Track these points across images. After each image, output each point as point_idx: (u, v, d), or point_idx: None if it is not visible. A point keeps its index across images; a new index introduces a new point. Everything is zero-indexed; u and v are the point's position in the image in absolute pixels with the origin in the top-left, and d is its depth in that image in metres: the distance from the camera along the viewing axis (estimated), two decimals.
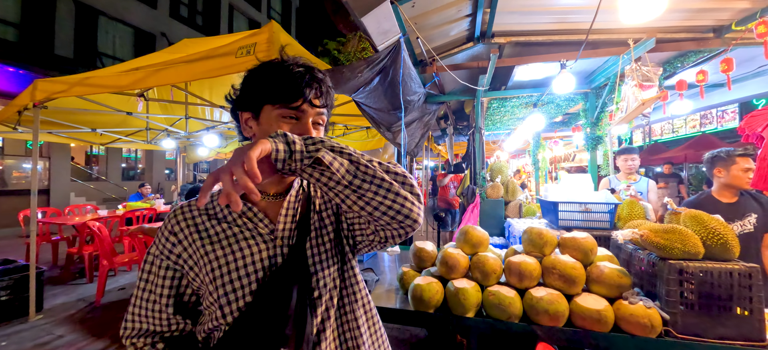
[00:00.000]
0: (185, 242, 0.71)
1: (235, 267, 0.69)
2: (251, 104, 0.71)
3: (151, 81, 2.69)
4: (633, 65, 2.00)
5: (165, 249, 0.72)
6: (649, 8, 1.38)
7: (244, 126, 0.73)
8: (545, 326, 1.46)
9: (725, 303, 1.33)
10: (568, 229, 2.10)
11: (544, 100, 3.38)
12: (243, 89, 0.73)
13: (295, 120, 0.69)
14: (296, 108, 0.67)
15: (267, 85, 0.69)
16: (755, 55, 2.43)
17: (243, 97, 0.72)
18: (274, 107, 0.68)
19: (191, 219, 0.73)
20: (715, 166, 1.87)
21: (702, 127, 11.85)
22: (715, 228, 1.42)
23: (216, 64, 2.36)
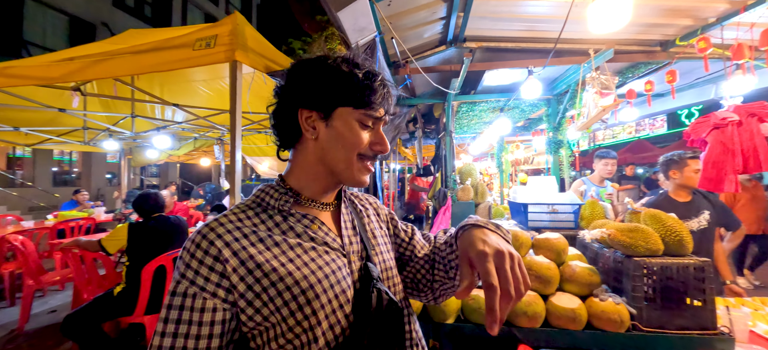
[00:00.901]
0: (242, 269, 0.55)
1: (330, 285, 0.59)
2: (322, 103, 0.62)
3: (89, 73, 2.35)
4: (593, 74, 2.14)
5: (208, 283, 0.54)
6: (614, 21, 1.47)
7: (305, 125, 0.64)
8: (524, 328, 1.48)
9: (682, 296, 1.42)
10: (538, 230, 2.17)
11: (511, 104, 3.53)
12: (311, 84, 0.63)
13: (371, 128, 0.65)
14: (379, 118, 0.65)
15: (350, 87, 0.61)
16: (692, 69, 2.72)
17: (311, 93, 0.62)
18: (354, 110, 0.62)
19: (240, 234, 0.58)
20: (670, 168, 2.04)
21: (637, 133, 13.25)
22: (672, 226, 1.52)
23: (169, 56, 2.12)
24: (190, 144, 6.69)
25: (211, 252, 0.55)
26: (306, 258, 0.59)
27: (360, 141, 0.63)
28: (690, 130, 2.08)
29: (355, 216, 0.73)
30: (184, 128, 5.25)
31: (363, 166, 0.65)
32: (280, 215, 0.63)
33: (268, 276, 0.55)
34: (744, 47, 1.75)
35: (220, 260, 0.55)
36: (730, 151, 1.77)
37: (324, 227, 0.65)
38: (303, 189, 0.67)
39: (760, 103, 1.76)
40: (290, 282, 0.56)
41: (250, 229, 0.59)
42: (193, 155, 8.66)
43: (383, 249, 0.73)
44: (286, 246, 0.59)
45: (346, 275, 0.62)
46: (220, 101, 4.18)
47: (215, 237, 0.56)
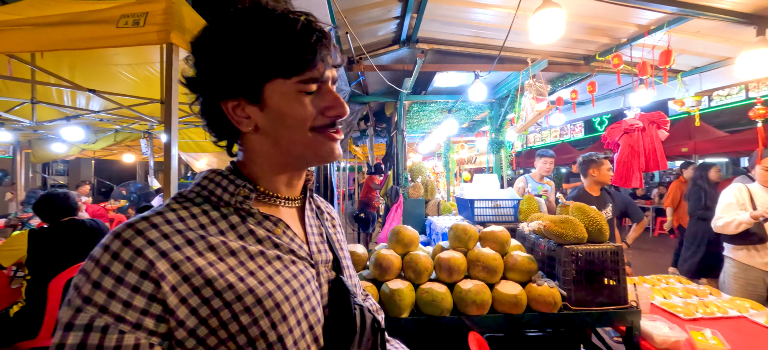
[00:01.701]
0: (183, 288, 0.41)
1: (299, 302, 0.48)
2: (245, 85, 0.48)
3: None
4: (530, 81, 2.36)
5: (131, 308, 0.39)
6: (551, 32, 1.63)
7: (235, 117, 0.50)
8: (474, 316, 1.57)
9: (601, 277, 1.64)
10: (483, 224, 2.33)
11: (458, 106, 3.73)
12: (221, 67, 0.48)
13: (317, 92, 0.50)
14: (320, 76, 0.49)
15: (270, 54, 0.47)
16: (607, 82, 3.16)
17: (225, 78, 0.48)
18: (286, 81, 0.48)
19: (181, 238, 0.44)
20: (589, 167, 2.34)
21: (561, 137, 15.05)
22: (594, 217, 1.74)
23: (85, 32, 1.82)
24: (109, 137, 5.84)
25: (138, 265, 0.40)
26: (270, 270, 0.47)
27: (306, 114, 0.49)
28: (606, 134, 2.42)
29: (321, 221, 0.62)
30: (103, 119, 4.56)
31: (325, 137, 0.51)
32: (237, 215, 0.50)
33: (221, 295, 0.42)
34: (647, 65, 2.09)
35: (150, 277, 0.40)
36: (636, 152, 2.11)
37: (289, 231, 0.53)
38: (260, 180, 0.54)
39: (658, 113, 2.13)
40: (250, 301, 0.44)
41: (197, 234, 0.45)
42: (114, 150, 7.58)
43: (350, 263, 0.66)
44: (245, 256, 0.47)
45: (315, 289, 0.52)
46: (149, 89, 3.71)
47: (145, 244, 0.41)
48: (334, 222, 0.70)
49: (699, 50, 2.45)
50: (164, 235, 0.43)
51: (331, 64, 0.51)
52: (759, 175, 2.12)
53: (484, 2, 2.02)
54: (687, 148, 7.52)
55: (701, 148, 7.29)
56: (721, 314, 1.85)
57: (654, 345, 1.56)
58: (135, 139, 6.09)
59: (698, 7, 1.74)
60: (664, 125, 2.13)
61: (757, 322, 1.77)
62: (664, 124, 2.13)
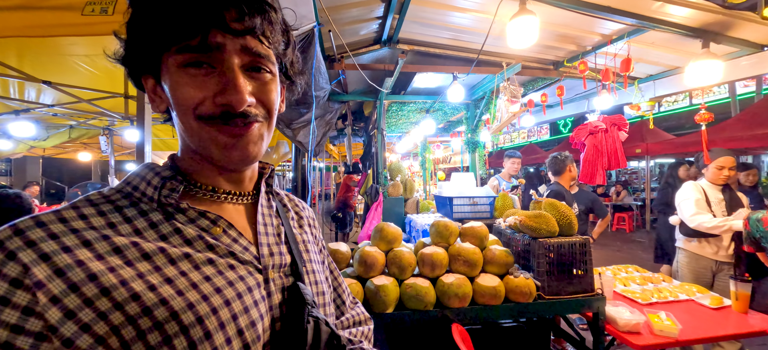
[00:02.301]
0: (70, 298, 0.33)
1: (231, 316, 0.40)
2: (147, 61, 0.42)
3: None
4: (505, 83, 2.48)
5: (10, 315, 0.32)
6: (526, 37, 1.74)
7: (152, 97, 0.45)
8: (455, 308, 1.63)
9: (571, 267, 1.76)
10: (461, 220, 2.41)
11: (436, 107, 3.82)
12: (128, 37, 0.42)
13: (207, 68, 0.40)
14: (202, 46, 0.39)
15: (150, 15, 0.39)
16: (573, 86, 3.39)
17: (132, 52, 0.42)
18: (176, 55, 0.39)
19: (76, 239, 0.36)
20: (566, 165, 2.50)
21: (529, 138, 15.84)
22: (564, 212, 1.87)
23: (46, 19, 1.68)
24: (63, 133, 5.38)
25: (8, 271, 0.33)
26: (195, 277, 0.39)
27: (187, 97, 0.40)
28: (574, 134, 2.60)
29: (282, 219, 0.55)
30: (57, 114, 4.20)
31: (217, 131, 0.41)
32: (160, 212, 0.42)
33: (122, 307, 0.34)
34: (610, 72, 2.27)
35: (24, 286, 0.32)
36: (600, 152, 2.29)
37: (232, 230, 0.46)
38: (196, 173, 0.46)
39: (618, 116, 2.33)
40: (163, 315, 0.35)
41: (99, 233, 0.37)
42: (67, 148, 6.99)
43: (316, 267, 0.56)
44: (163, 259, 0.39)
45: (258, 299, 0.43)
46: (110, 82, 3.46)
47: (21, 246, 0.34)
48: (302, 222, 0.61)
49: (654, 59, 2.70)
50: (51, 235, 0.35)
51: (239, 28, 0.40)
52: (711, 173, 2.34)
53: (464, 6, 2.10)
54: (640, 150, 8.17)
55: (652, 150, 7.95)
56: (672, 298, 2.05)
57: (617, 328, 1.70)
58: (92, 135, 5.66)
59: (654, 20, 1.92)
60: (624, 127, 2.33)
61: (702, 304, 1.99)
62: (624, 125, 2.33)
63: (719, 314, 1.89)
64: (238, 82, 0.40)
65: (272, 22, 0.43)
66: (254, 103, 0.43)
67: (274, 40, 0.44)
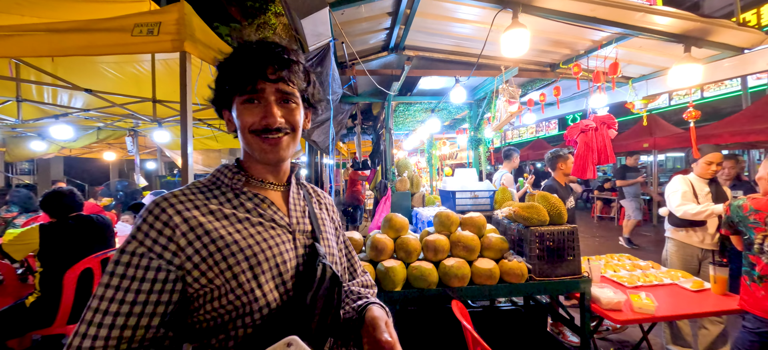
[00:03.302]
0: (191, 235, 0.60)
1: (272, 255, 0.65)
2: (226, 100, 0.69)
3: None
4: (504, 85, 2.67)
5: (156, 245, 0.58)
6: (519, 47, 1.94)
7: (229, 124, 0.72)
8: (455, 287, 1.86)
9: (561, 252, 1.97)
10: (463, 212, 2.63)
11: (440, 106, 4.02)
12: (217, 85, 0.70)
13: (256, 102, 0.65)
14: (253, 90, 0.65)
15: (226, 76, 0.67)
16: (570, 86, 3.55)
17: (218, 95, 0.70)
18: (238, 97, 0.66)
19: (194, 207, 0.63)
20: (558, 161, 2.69)
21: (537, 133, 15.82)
22: (554, 203, 2.07)
23: (101, 40, 1.95)
24: (92, 134, 5.75)
25: (162, 218, 0.59)
26: (252, 231, 0.64)
27: (246, 121, 0.65)
28: (567, 133, 2.79)
29: (307, 202, 0.78)
30: (89, 117, 4.54)
31: (262, 141, 0.66)
32: (232, 192, 0.68)
33: (215, 242, 0.60)
34: (600, 74, 2.45)
35: (169, 225, 0.59)
36: (591, 148, 2.47)
37: (273, 206, 0.70)
38: (251, 170, 0.72)
39: (608, 116, 2.51)
40: (235, 249, 0.61)
41: (202, 202, 0.64)
42: (93, 148, 7.40)
43: (330, 236, 0.79)
44: (234, 219, 0.64)
45: (288, 249, 0.67)
46: (136, 87, 3.77)
47: (167, 206, 0.61)
48: (321, 206, 0.85)
49: (644, 61, 2.85)
50: (179, 202, 0.62)
51: (274, 78, 0.65)
52: (700, 167, 2.50)
53: (464, 18, 2.30)
54: (648, 144, 8.21)
55: (660, 144, 7.98)
56: (657, 282, 2.24)
57: (601, 306, 1.91)
58: (118, 136, 6.02)
59: (637, 28, 2.09)
60: (613, 125, 2.51)
61: (684, 287, 2.17)
62: (613, 124, 2.51)
63: (698, 296, 2.07)
64: (273, 111, 0.66)
65: (295, 71, 0.69)
66: (284, 122, 0.67)
67: (297, 82, 0.69)
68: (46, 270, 2.17)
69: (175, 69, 3.48)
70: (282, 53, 0.66)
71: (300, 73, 0.70)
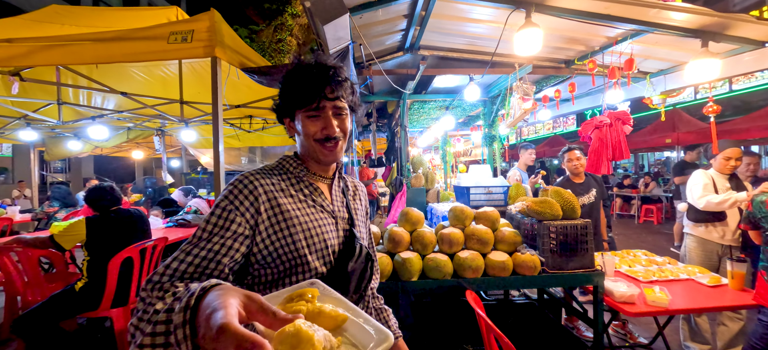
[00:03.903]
0: (268, 204, 0.76)
1: (321, 232, 0.81)
2: (289, 111, 0.84)
3: (37, 58, 2.22)
4: (518, 83, 2.71)
5: (243, 203, 0.74)
6: (532, 46, 1.99)
7: (289, 129, 0.88)
8: (470, 278, 1.94)
9: (573, 246, 2.02)
10: (477, 208, 2.70)
11: (455, 104, 4.07)
12: (280, 99, 0.86)
13: (318, 116, 0.81)
14: (316, 108, 0.80)
15: (292, 93, 0.81)
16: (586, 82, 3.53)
17: (282, 107, 0.86)
18: (302, 111, 0.81)
19: (269, 182, 0.79)
20: (561, 161, 2.71)
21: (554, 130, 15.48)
22: (567, 198, 2.11)
23: (140, 47, 2.13)
24: (122, 134, 6.10)
25: (249, 187, 0.76)
26: (308, 211, 0.81)
27: (310, 131, 0.80)
28: (582, 129, 2.80)
29: (345, 194, 0.94)
30: (121, 118, 4.83)
31: (322, 147, 0.81)
32: (295, 178, 0.85)
33: (283, 214, 0.77)
34: (616, 70, 2.45)
35: (254, 194, 0.75)
36: (605, 144, 2.48)
37: (322, 195, 0.87)
38: (307, 164, 0.88)
39: (622, 112, 2.51)
40: (296, 222, 0.77)
41: (276, 181, 0.81)
42: (123, 147, 7.82)
43: (361, 223, 0.96)
44: (297, 199, 0.81)
45: (332, 230, 0.83)
46: (163, 89, 4.00)
47: (253, 179, 0.78)
48: (356, 196, 1.01)
49: (661, 56, 2.82)
50: (263, 177, 0.79)
51: (332, 97, 0.80)
52: (719, 163, 2.48)
53: (478, 18, 2.36)
54: (671, 139, 7.96)
55: (684, 139, 7.72)
56: (673, 277, 2.24)
57: (614, 299, 1.94)
58: (147, 136, 6.36)
59: (653, 24, 2.09)
60: (628, 121, 2.51)
61: (701, 282, 2.17)
62: (628, 120, 2.51)
63: (715, 291, 2.06)
64: (332, 123, 0.81)
65: (346, 88, 0.84)
66: (339, 131, 0.83)
67: (347, 96, 0.84)
68: (93, 258, 2.38)
69: (199, 71, 3.68)
70: (336, 75, 0.81)
71: (348, 88, 0.84)
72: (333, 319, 0.51)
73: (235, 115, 4.68)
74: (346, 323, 0.52)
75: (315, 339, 0.41)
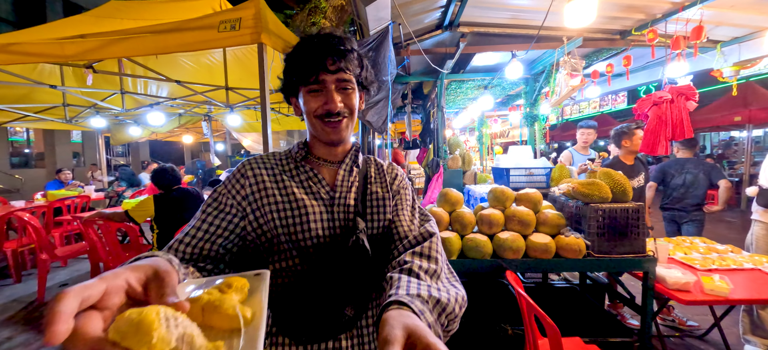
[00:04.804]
0: (255, 187, 0.75)
1: (307, 221, 0.74)
2: (293, 89, 0.78)
3: (106, 52, 2.45)
4: (565, 57, 2.55)
5: (234, 188, 0.75)
6: (584, 17, 1.85)
7: (296, 110, 0.82)
8: (509, 259, 1.93)
9: (624, 230, 1.92)
10: (517, 189, 2.64)
11: (494, 83, 3.92)
12: (284, 77, 0.79)
13: (319, 91, 0.73)
14: (315, 81, 0.72)
15: (292, 70, 0.75)
16: (643, 54, 3.22)
17: (286, 85, 0.80)
18: (303, 87, 0.74)
19: (264, 168, 0.78)
20: (622, 138, 2.55)
21: (601, 108, 14.33)
22: (618, 180, 2.00)
23: (194, 37, 2.28)
24: (175, 120, 6.60)
25: (241, 171, 0.77)
26: (292, 196, 0.75)
27: (311, 108, 0.74)
28: (637, 106, 2.59)
29: (359, 179, 0.83)
30: (173, 105, 5.22)
31: (324, 124, 0.74)
32: (294, 163, 0.80)
33: (267, 197, 0.74)
34: (680, 39, 2.21)
35: (244, 176, 0.76)
36: (664, 122, 2.28)
37: (323, 181, 0.79)
38: (312, 148, 0.82)
39: (687, 86, 2.27)
40: (273, 204, 0.74)
41: (271, 165, 0.79)
42: (175, 132, 8.48)
43: (379, 211, 0.81)
44: (285, 184, 0.77)
45: (324, 219, 0.75)
46: (209, 76, 4.24)
47: (247, 164, 0.78)
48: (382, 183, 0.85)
49: (736, 22, 2.48)
50: (256, 162, 0.79)
51: (334, 69, 0.71)
52: None
53: None
54: (740, 117, 7.09)
55: (756, 117, 6.85)
56: (736, 266, 2.07)
57: (667, 286, 1.84)
58: (195, 121, 6.84)
59: None
60: (693, 97, 2.27)
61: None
62: (693, 95, 2.26)
63: None
64: (333, 97, 0.73)
65: (350, 59, 0.75)
66: (343, 107, 0.74)
67: (353, 69, 0.75)
68: (161, 231, 2.68)
69: (242, 58, 3.86)
70: (338, 45, 0.73)
71: (355, 60, 0.76)
72: (228, 320, 0.43)
73: (275, 100, 4.87)
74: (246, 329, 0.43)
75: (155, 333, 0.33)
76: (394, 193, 0.85)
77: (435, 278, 0.65)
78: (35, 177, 9.75)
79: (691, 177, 2.81)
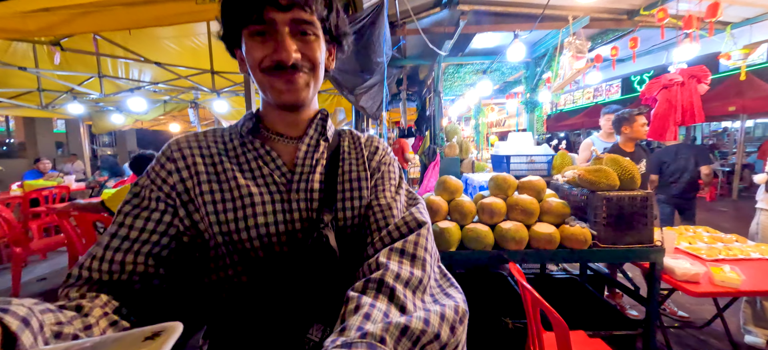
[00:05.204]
0: (185, 172, 0.58)
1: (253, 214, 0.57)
2: (234, 38, 0.58)
3: (74, 26, 2.21)
4: (570, 38, 2.41)
5: (158, 177, 0.57)
6: None
7: (240, 64, 0.62)
8: (512, 250, 1.82)
9: (631, 219, 1.82)
10: (518, 177, 2.53)
11: (493, 67, 3.78)
12: (222, 19, 0.58)
13: (266, 36, 0.54)
14: (259, 20, 0.53)
15: (231, 5, 0.55)
16: (649, 37, 3.10)
17: (227, 31, 0.58)
18: (245, 30, 0.55)
19: (197, 148, 0.60)
20: (622, 124, 2.44)
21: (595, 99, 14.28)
22: (626, 167, 1.90)
23: (168, 9, 2.08)
24: (159, 107, 6.33)
25: (167, 153, 0.59)
26: (238, 183, 0.58)
27: (255, 58, 0.55)
28: (645, 89, 2.47)
29: (327, 157, 0.65)
30: (156, 90, 4.97)
31: (272, 79, 0.56)
32: (238, 140, 0.61)
33: (200, 185, 0.57)
34: (693, 18, 2.09)
35: (170, 160, 0.58)
36: (673, 106, 2.18)
37: (278, 161, 0.61)
38: (265, 119, 0.64)
39: (699, 67, 2.16)
40: (215, 199, 0.57)
41: (206, 144, 0.61)
42: (160, 120, 8.18)
43: (354, 195, 0.63)
44: (225, 167, 0.59)
45: (276, 212, 0.58)
46: (195, 59, 4.01)
47: (174, 144, 0.60)
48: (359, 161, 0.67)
49: (749, 0, 2.38)
50: (187, 142, 0.60)
51: (286, 4, 0.52)
52: None
53: None
54: (734, 107, 7.08)
55: (751, 107, 6.84)
56: (743, 256, 2.00)
57: (675, 277, 1.76)
58: (182, 108, 6.56)
59: None
60: (705, 79, 2.16)
61: None
62: (705, 77, 2.15)
63: None
64: (286, 44, 0.53)
65: None
66: (300, 57, 0.55)
67: (316, 8, 0.56)
68: None
69: None
70: None
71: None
72: None
73: None
74: None
75: None
76: (374, 170, 0.67)
77: (419, 291, 0.49)
78: (16, 168, 9.39)
79: (684, 162, 2.75)
